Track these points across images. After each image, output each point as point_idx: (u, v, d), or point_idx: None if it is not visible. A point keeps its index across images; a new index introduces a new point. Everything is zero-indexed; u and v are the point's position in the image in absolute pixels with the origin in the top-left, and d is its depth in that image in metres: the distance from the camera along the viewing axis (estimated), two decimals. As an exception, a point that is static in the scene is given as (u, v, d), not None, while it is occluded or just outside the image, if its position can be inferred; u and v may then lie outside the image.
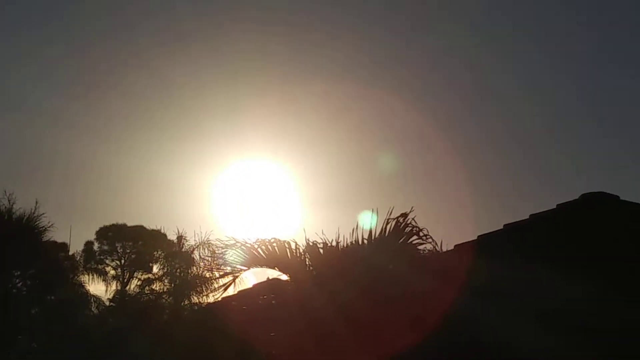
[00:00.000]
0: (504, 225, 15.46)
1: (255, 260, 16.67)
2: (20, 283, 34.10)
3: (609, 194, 14.43)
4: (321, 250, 16.20)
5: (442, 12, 62.87)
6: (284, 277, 16.91)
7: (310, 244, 16.25)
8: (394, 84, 64.51)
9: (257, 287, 18.60)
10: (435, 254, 15.99)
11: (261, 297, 18.12)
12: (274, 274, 17.06)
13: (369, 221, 15.92)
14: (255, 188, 50.93)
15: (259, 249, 16.47)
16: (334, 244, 16.10)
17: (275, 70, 62.96)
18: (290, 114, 62.31)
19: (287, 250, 16.37)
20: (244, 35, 62.58)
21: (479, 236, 15.87)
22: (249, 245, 16.52)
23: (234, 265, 17.01)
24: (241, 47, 64.04)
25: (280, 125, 61.34)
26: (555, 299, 13.97)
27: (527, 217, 15.14)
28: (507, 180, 67.51)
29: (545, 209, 14.94)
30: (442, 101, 66.40)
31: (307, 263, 16.39)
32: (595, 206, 14.39)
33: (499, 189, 66.06)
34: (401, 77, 64.59)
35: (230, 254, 16.98)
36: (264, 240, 16.46)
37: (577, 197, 14.52)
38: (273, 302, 17.62)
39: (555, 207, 14.75)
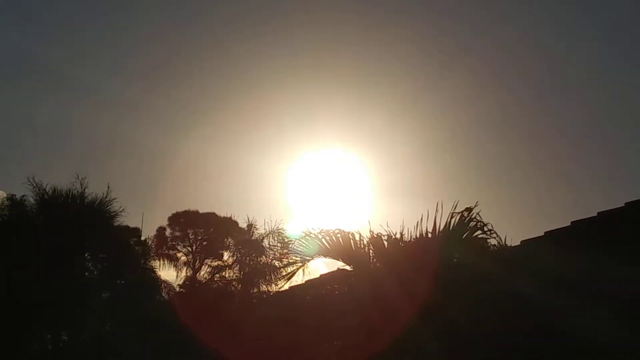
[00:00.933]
0: (572, 222, 15.28)
1: (319, 251, 16.68)
2: (92, 267, 34.42)
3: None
4: (385, 243, 16.14)
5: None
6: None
7: (375, 236, 16.21)
8: (465, 74, 63.90)
9: (324, 277, 18.61)
10: (503, 248, 15.89)
11: (325, 287, 18.12)
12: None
13: None
14: (326, 177, 50.99)
15: (323, 240, 16.47)
16: (398, 236, 16.05)
17: (348, 61, 62.74)
18: (364, 103, 62.26)
19: (351, 241, 16.35)
20: (318, 26, 62.65)
21: (546, 232, 15.72)
22: (314, 236, 16.53)
23: (299, 254, 17.05)
24: (315, 38, 64.14)
25: (353, 115, 61.33)
26: (624, 295, 13.79)
27: (596, 214, 14.95)
28: (574, 177, 66.46)
29: (614, 207, 14.75)
30: (513, 92, 65.52)
31: (371, 255, 16.36)
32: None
33: (566, 185, 65.09)
34: (472, 66, 63.86)
35: (296, 244, 17.02)
36: (328, 231, 16.46)
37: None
38: (336, 292, 17.62)
39: (624, 204, 14.55)
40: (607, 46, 64.60)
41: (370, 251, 16.39)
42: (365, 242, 16.35)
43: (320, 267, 18.48)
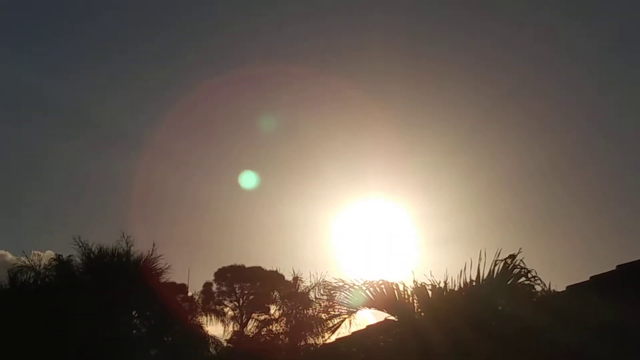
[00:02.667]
0: (617, 266, 15.18)
1: (364, 302, 16.67)
2: (139, 324, 34.51)
3: None
4: (429, 292, 16.10)
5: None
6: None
7: (419, 285, 16.18)
8: (510, 124, 63.91)
9: (370, 328, 18.57)
10: (548, 294, 15.77)
11: (371, 339, 18.07)
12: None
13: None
14: (373, 228, 50.94)
15: (367, 291, 16.46)
16: (442, 285, 16.00)
17: (394, 111, 63.01)
18: (407, 154, 62.29)
19: (395, 292, 16.33)
20: (363, 76, 62.96)
21: (591, 277, 15.61)
22: (357, 287, 16.53)
23: (344, 306, 17.03)
24: (360, 87, 64.34)
25: (397, 164, 61.35)
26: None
27: (640, 258, 14.86)
28: (617, 220, 65.90)
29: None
30: (553, 141, 65.34)
31: (415, 305, 16.31)
32: None
33: (609, 229, 64.55)
34: (517, 116, 63.93)
35: (340, 296, 17.01)
36: (372, 282, 16.46)
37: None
38: (381, 343, 17.56)
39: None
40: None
41: (415, 301, 16.35)
42: (409, 292, 16.32)
43: (368, 317, 18.45)
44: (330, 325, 17.74)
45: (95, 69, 68.72)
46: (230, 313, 49.61)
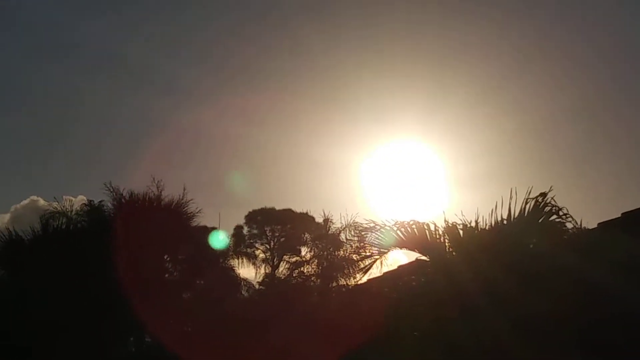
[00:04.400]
0: (648, 203, 15.12)
1: (395, 243, 16.69)
2: (172, 268, 34.73)
3: None
4: (461, 232, 16.10)
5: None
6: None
7: (450, 225, 16.17)
8: (542, 67, 63.37)
9: (401, 268, 18.62)
10: (579, 232, 15.74)
11: (402, 279, 18.12)
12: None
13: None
14: (403, 169, 50.90)
15: (399, 232, 16.47)
16: (473, 224, 16.00)
17: (425, 50, 62.67)
18: (438, 94, 62.02)
19: (427, 232, 16.34)
20: (394, 16, 62.50)
21: (623, 213, 15.57)
22: (388, 228, 16.54)
23: (375, 247, 17.06)
24: (391, 29, 64.00)
25: (427, 105, 61.06)
26: None
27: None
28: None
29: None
30: (580, 81, 64.89)
31: (447, 244, 16.32)
32: None
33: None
34: (550, 59, 63.34)
35: (371, 237, 17.03)
36: (403, 223, 16.48)
37: None
38: (413, 283, 17.62)
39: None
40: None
41: (446, 241, 16.36)
42: (440, 232, 16.32)
43: (400, 258, 18.49)
44: (362, 266, 17.80)
45: (131, 8, 68.52)
46: (262, 255, 49.78)
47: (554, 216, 15.49)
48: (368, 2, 64.31)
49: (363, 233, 17.33)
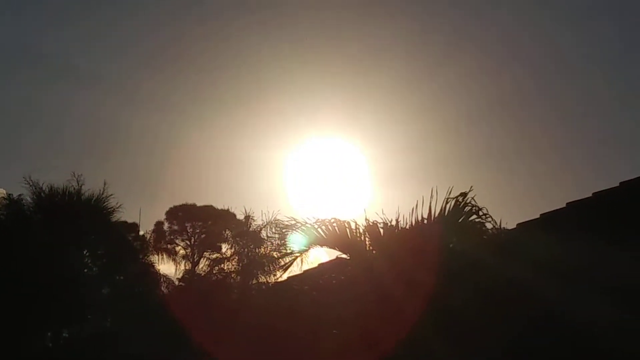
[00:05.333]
0: (567, 204, 15.30)
1: (316, 240, 16.68)
2: (91, 263, 34.49)
3: (673, 170, 14.21)
4: (381, 230, 16.14)
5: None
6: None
7: (371, 223, 16.21)
8: (462, 62, 63.91)
9: (322, 266, 18.63)
10: (498, 232, 15.87)
11: (323, 277, 18.13)
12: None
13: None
14: (324, 166, 51.01)
15: (319, 229, 16.47)
16: (393, 223, 16.05)
17: (349, 49, 62.89)
18: (363, 91, 62.29)
19: (347, 230, 16.34)
20: (320, 11, 62.54)
21: (541, 214, 15.74)
22: (309, 226, 16.53)
23: (296, 245, 17.06)
24: (317, 23, 64.13)
25: (351, 103, 61.45)
26: (621, 277, 13.80)
27: (590, 195, 14.97)
28: (568, 158, 66.54)
29: (608, 187, 14.77)
30: (499, 79, 65.69)
31: (367, 243, 16.36)
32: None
33: (560, 167, 65.19)
34: (469, 54, 63.93)
35: (292, 234, 17.02)
36: (324, 220, 16.46)
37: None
38: (333, 281, 17.64)
39: (618, 184, 14.57)
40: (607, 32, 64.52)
41: (367, 239, 16.39)
42: (361, 231, 16.34)
43: (321, 256, 18.50)
44: (282, 263, 17.76)
45: (44, 2, 67.61)
46: (182, 252, 49.73)
47: (474, 216, 15.60)
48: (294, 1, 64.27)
49: (284, 230, 17.29)
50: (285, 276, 18.97)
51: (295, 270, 18.06)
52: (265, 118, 66.83)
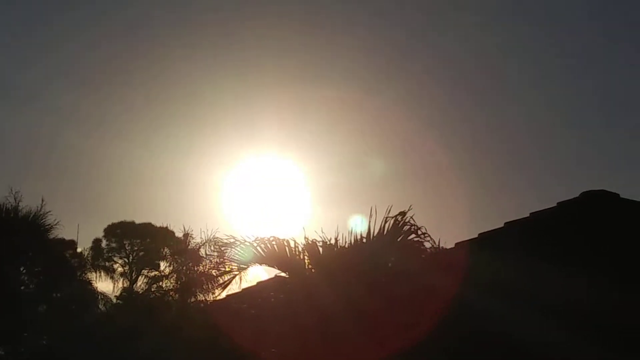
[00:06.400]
0: (505, 223, 15.43)
1: (255, 259, 16.67)
2: (27, 280, 34.13)
3: (609, 191, 14.41)
4: (320, 249, 16.16)
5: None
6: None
7: (310, 242, 16.22)
8: (399, 81, 64.46)
9: (261, 284, 18.62)
10: (437, 251, 15.96)
11: (262, 295, 18.11)
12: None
13: (359, 224, 16.02)
14: (265, 184, 50.97)
15: (258, 247, 16.46)
16: (332, 242, 16.08)
17: (287, 69, 62.95)
18: (301, 109, 62.30)
19: (286, 248, 16.35)
20: (257, 32, 62.65)
21: (480, 234, 15.85)
22: (248, 244, 16.51)
23: (235, 263, 17.02)
24: (254, 44, 64.12)
25: (290, 120, 61.43)
26: (557, 295, 13.93)
27: (528, 214, 15.11)
28: (506, 178, 67.31)
29: (545, 207, 14.92)
30: (439, 99, 66.32)
31: (306, 261, 16.37)
32: (596, 204, 14.33)
33: (498, 187, 65.91)
34: (408, 73, 64.47)
35: (231, 252, 16.98)
36: (263, 239, 16.46)
37: (577, 195, 14.47)
38: (272, 299, 17.63)
39: (556, 204, 14.72)
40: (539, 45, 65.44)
41: (305, 257, 16.40)
42: (300, 249, 16.35)
43: (260, 274, 18.46)
44: (221, 281, 17.72)
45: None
46: (120, 269, 49.36)
47: (413, 235, 15.68)
48: (230, 16, 64.22)
49: (223, 248, 17.26)
50: (224, 294, 18.91)
51: (234, 288, 18.02)
52: (203, 136, 66.94)
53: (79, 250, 42.70)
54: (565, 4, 60.94)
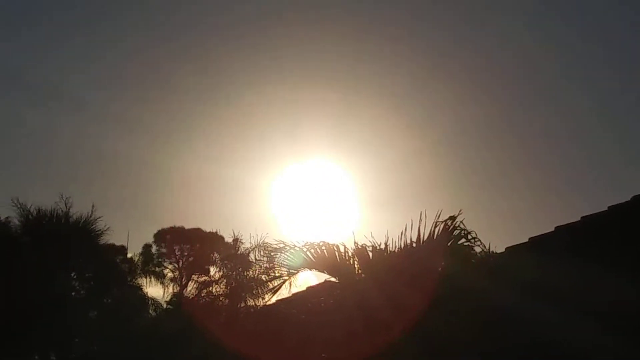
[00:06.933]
0: (556, 227, 15.32)
1: (304, 264, 16.65)
2: (78, 286, 34.34)
3: (661, 195, 14.23)
4: (370, 254, 16.11)
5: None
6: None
7: (359, 247, 16.18)
8: (448, 82, 64.19)
9: (311, 289, 18.59)
10: (487, 256, 15.86)
11: (311, 300, 18.08)
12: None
13: None
14: (311, 189, 50.97)
15: (308, 253, 16.44)
16: (382, 247, 16.02)
17: (331, 72, 63.02)
18: (348, 113, 62.40)
19: (336, 253, 16.31)
20: (304, 38, 62.76)
21: (530, 238, 15.75)
22: (298, 249, 16.50)
23: (284, 268, 17.02)
24: (299, 49, 64.19)
25: (337, 124, 61.49)
26: (608, 300, 13.80)
27: (579, 218, 14.99)
28: (556, 182, 66.75)
29: (596, 211, 14.80)
30: (496, 98, 65.83)
31: (356, 266, 16.32)
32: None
33: (548, 191, 65.32)
34: (456, 74, 64.19)
35: (281, 257, 16.98)
36: (312, 244, 16.43)
37: (629, 199, 14.34)
38: (322, 304, 17.58)
39: (607, 208, 14.59)
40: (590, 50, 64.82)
41: (355, 262, 16.36)
42: (350, 254, 16.31)
43: (310, 279, 18.46)
44: (271, 286, 17.71)
45: (29, 28, 67.66)
46: (170, 275, 49.65)
47: (463, 239, 15.59)
48: (279, 22, 64.35)
49: (272, 253, 17.25)
50: (273, 299, 18.92)
51: (284, 293, 18.03)
52: (251, 141, 67.06)
53: (129, 255, 43.10)
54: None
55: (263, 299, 33.40)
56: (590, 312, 13.95)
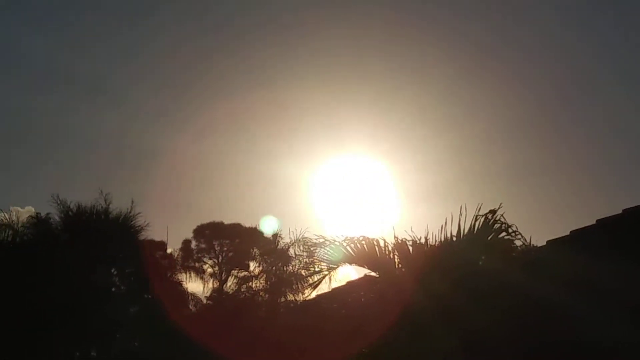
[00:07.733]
0: (597, 221, 15.23)
1: (344, 258, 16.65)
2: (118, 282, 34.51)
3: None
4: (410, 248, 16.09)
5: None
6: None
7: (399, 241, 16.16)
8: (490, 76, 63.92)
9: (351, 284, 18.61)
10: (528, 249, 15.80)
11: (352, 295, 18.11)
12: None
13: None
14: (351, 183, 50.96)
15: (348, 247, 16.43)
16: (422, 241, 16.00)
17: (372, 65, 62.87)
18: (387, 107, 62.24)
19: (376, 248, 16.30)
20: (342, 31, 62.70)
21: (571, 231, 15.67)
22: (338, 243, 16.50)
23: (324, 263, 17.02)
24: (339, 43, 64.18)
25: (376, 119, 61.45)
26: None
27: (620, 211, 14.89)
28: (597, 175, 66.34)
29: (638, 204, 14.69)
30: (537, 93, 65.39)
31: (396, 261, 16.31)
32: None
33: (589, 184, 64.93)
34: (497, 69, 63.95)
35: (321, 252, 16.99)
36: (352, 238, 16.42)
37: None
38: (362, 299, 17.61)
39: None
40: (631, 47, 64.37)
41: (395, 257, 16.34)
42: (390, 248, 16.30)
43: (350, 273, 18.47)
44: (311, 281, 17.74)
45: (73, 23, 68.13)
46: (210, 270, 49.67)
47: (503, 233, 15.53)
48: (317, 17, 64.29)
49: (312, 248, 17.26)
50: (314, 294, 18.97)
51: (324, 288, 18.06)
52: (291, 136, 67.02)
53: (168, 251, 43.17)
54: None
55: (303, 293, 33.53)
56: (631, 307, 13.87)
